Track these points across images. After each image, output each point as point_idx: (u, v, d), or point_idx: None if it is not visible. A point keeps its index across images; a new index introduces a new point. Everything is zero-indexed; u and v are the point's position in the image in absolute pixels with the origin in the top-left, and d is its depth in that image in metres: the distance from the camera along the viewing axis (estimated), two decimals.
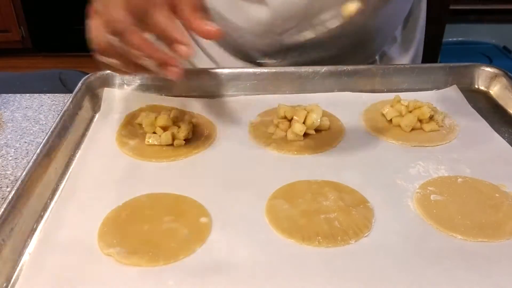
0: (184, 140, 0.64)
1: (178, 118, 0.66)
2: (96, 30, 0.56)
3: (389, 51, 0.90)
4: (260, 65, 0.85)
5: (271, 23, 0.77)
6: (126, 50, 0.55)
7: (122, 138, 0.65)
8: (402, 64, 0.80)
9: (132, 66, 0.58)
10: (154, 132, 0.64)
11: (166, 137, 0.63)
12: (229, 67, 0.79)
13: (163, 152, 0.63)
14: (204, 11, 0.57)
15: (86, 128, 0.68)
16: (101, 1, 0.57)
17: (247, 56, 0.85)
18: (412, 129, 0.67)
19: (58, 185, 0.57)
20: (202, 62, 0.87)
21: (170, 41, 0.54)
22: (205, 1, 0.61)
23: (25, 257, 0.48)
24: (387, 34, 0.87)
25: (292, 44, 0.80)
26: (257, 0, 0.75)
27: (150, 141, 0.63)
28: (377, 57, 0.90)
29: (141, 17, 0.54)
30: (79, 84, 0.73)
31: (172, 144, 0.63)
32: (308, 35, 0.78)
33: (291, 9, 0.74)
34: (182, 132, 0.64)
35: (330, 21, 0.76)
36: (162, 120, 0.64)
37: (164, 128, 0.64)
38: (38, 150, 0.57)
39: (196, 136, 0.66)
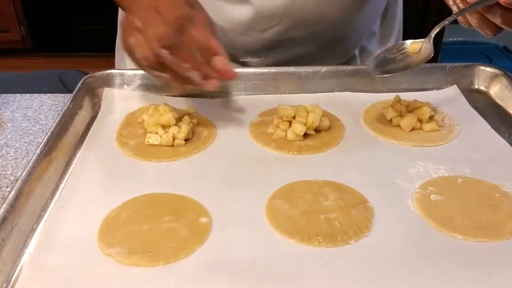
0: (184, 140, 0.64)
1: (178, 118, 0.66)
2: (141, 46, 0.59)
3: (369, 46, 0.90)
4: (243, 64, 0.85)
5: (253, 21, 0.77)
6: (175, 63, 0.58)
7: (122, 138, 0.65)
8: None
9: (179, 78, 0.61)
10: (156, 133, 0.64)
11: (167, 138, 0.63)
12: None
13: (163, 152, 0.63)
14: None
15: (86, 128, 0.68)
16: (139, 18, 0.60)
17: (229, 55, 0.85)
18: (412, 129, 0.67)
19: (58, 185, 0.58)
20: None
21: (208, 53, 0.59)
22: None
23: (25, 257, 0.48)
24: (366, 30, 0.88)
25: (274, 41, 0.80)
26: (240, 1, 0.76)
27: (150, 141, 0.63)
28: (356, 52, 0.90)
29: (181, 32, 0.58)
30: (79, 84, 0.73)
31: (172, 144, 0.63)
32: (289, 32, 0.78)
33: (273, 7, 0.75)
34: (183, 132, 0.64)
35: (312, 19, 0.77)
36: (166, 117, 0.64)
37: (167, 127, 0.64)
38: (38, 150, 0.57)
39: (196, 136, 0.66)
